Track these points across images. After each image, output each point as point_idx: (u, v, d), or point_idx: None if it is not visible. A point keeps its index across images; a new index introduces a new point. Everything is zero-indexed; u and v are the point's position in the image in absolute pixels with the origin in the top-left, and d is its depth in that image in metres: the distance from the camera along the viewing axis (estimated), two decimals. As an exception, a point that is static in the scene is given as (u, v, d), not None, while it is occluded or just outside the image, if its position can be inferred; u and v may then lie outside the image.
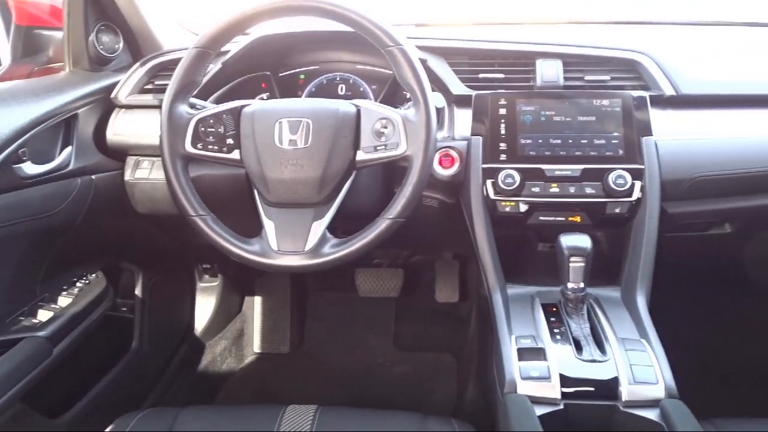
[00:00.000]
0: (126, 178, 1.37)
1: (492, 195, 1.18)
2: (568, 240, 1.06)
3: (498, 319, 1.10)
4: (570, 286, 1.06)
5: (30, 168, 1.15)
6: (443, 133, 1.26)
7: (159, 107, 1.13)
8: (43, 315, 1.27)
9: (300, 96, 1.45)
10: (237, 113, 1.10)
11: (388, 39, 1.04)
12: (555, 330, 1.06)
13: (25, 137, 1.14)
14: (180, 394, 1.82)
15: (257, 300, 2.13)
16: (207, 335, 2.02)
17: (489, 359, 1.16)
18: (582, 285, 1.06)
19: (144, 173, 1.36)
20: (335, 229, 1.12)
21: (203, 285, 2.03)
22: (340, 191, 1.09)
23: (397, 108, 1.10)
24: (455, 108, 1.28)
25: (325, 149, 1.06)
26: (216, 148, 1.10)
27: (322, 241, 1.07)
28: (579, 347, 1.02)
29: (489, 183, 1.18)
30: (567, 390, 0.94)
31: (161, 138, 1.10)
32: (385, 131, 1.06)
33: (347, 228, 1.11)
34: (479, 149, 1.20)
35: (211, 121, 1.10)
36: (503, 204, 1.18)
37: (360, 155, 1.07)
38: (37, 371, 1.20)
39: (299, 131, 1.06)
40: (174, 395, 1.80)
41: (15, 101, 1.18)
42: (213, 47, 1.10)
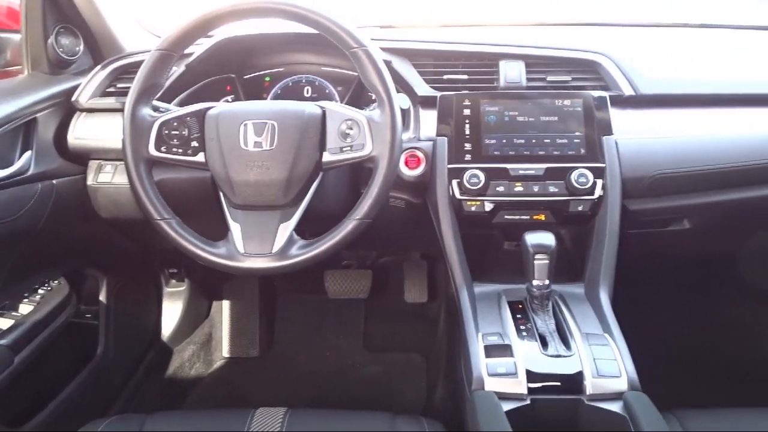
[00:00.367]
0: (88, 182, 1.35)
1: (458, 195, 1.19)
2: (532, 238, 1.08)
3: (465, 317, 1.11)
4: (535, 283, 1.08)
5: (-12, 173, 1.13)
6: (409, 134, 1.27)
7: (121, 110, 1.11)
8: (4, 323, 1.24)
9: (265, 98, 1.44)
10: (201, 116, 1.10)
11: (352, 40, 1.04)
12: (521, 327, 1.08)
13: None
14: (148, 400, 1.80)
15: (225, 304, 2.11)
16: (174, 340, 1.99)
17: (457, 357, 1.17)
18: (547, 282, 1.08)
19: (107, 177, 1.34)
20: (303, 231, 1.12)
21: (170, 290, 2.01)
22: (306, 193, 1.09)
23: (363, 109, 1.10)
24: (420, 109, 1.29)
25: (291, 151, 1.06)
26: (180, 151, 1.09)
27: (289, 243, 1.07)
28: (545, 343, 1.04)
29: (455, 183, 1.19)
30: (533, 385, 0.96)
31: (124, 141, 1.09)
32: (351, 132, 1.06)
33: (315, 230, 1.11)
34: (444, 150, 1.22)
35: (175, 124, 1.09)
36: (469, 203, 1.19)
37: (326, 156, 1.07)
38: None
39: (264, 133, 1.06)
40: (141, 402, 1.77)
41: (-29, 105, 1.16)
42: (176, 49, 1.09)
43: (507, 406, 0.93)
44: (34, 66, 1.39)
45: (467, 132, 1.22)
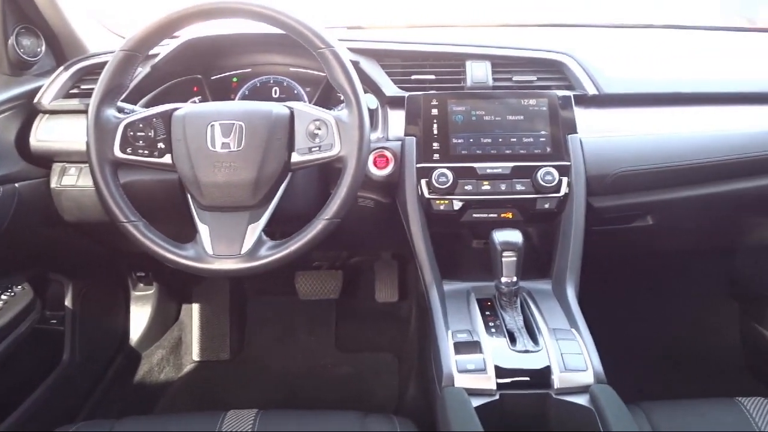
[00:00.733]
0: (52, 185, 1.32)
1: (426, 194, 1.20)
2: (500, 235, 1.09)
3: (435, 315, 1.12)
4: (503, 280, 1.10)
5: (-53, 177, 1.10)
6: (377, 134, 1.28)
7: (85, 112, 1.09)
8: (-34, 330, 1.21)
9: (233, 99, 1.43)
10: (167, 117, 1.09)
11: (319, 41, 1.05)
12: (490, 323, 1.09)
13: None
14: (116, 405, 1.77)
15: (195, 307, 2.09)
16: (143, 345, 1.96)
17: (428, 355, 1.18)
18: (515, 279, 1.09)
19: (71, 180, 1.32)
20: (273, 232, 1.12)
21: (138, 294, 1.98)
22: (275, 193, 1.09)
23: (331, 110, 1.10)
24: (388, 109, 1.29)
25: (259, 151, 1.05)
26: (146, 152, 1.08)
27: (258, 244, 1.07)
28: (513, 339, 1.05)
29: (423, 182, 1.20)
30: (502, 381, 0.97)
31: (88, 143, 1.07)
32: (319, 133, 1.07)
33: (285, 230, 1.11)
34: (413, 149, 1.22)
35: (141, 126, 1.08)
36: (438, 202, 1.20)
37: (294, 157, 1.07)
38: None
39: (232, 134, 1.06)
40: (110, 407, 1.74)
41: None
42: (141, 50, 1.08)
43: (476, 401, 0.94)
44: (-7, 67, 1.37)
45: (435, 132, 1.23)
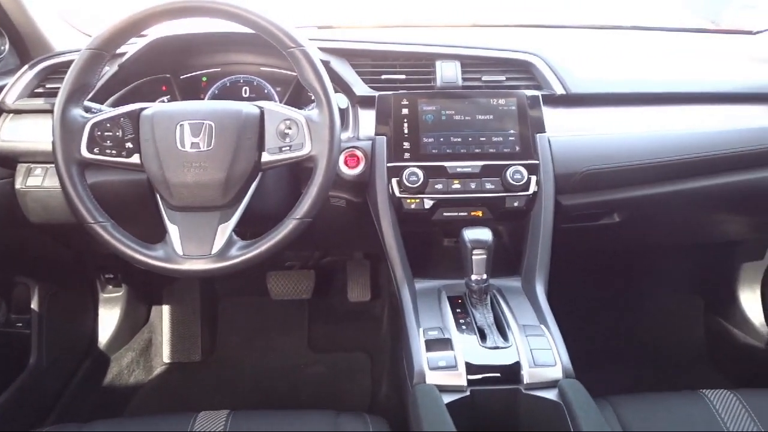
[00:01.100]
0: (17, 186, 1.30)
1: (397, 193, 1.21)
2: (470, 234, 1.10)
3: (406, 313, 1.13)
4: (474, 277, 1.11)
5: None
6: (348, 134, 1.28)
7: (51, 111, 1.08)
8: (-73, 335, 1.18)
9: (203, 99, 1.42)
10: (135, 116, 1.07)
11: (289, 40, 1.05)
12: (461, 321, 1.10)
13: None
14: (85, 409, 1.74)
15: (165, 309, 2.07)
16: (112, 348, 1.93)
17: (400, 353, 1.18)
18: (485, 276, 1.11)
19: (37, 181, 1.29)
20: (244, 233, 1.12)
21: (106, 296, 1.95)
22: (245, 193, 1.09)
23: (302, 109, 1.10)
24: (359, 109, 1.30)
25: (229, 151, 1.05)
26: (114, 152, 1.07)
27: (228, 244, 1.06)
28: (483, 336, 1.06)
29: (394, 181, 1.21)
30: (473, 377, 0.98)
31: (54, 143, 1.05)
32: (290, 132, 1.06)
33: (257, 231, 1.10)
34: (383, 148, 1.23)
35: (108, 125, 1.06)
36: (408, 201, 1.21)
37: (265, 157, 1.07)
38: None
39: (201, 133, 1.05)
40: (78, 411, 1.71)
41: None
42: (107, 49, 1.06)
43: (447, 398, 0.95)
44: (-45, 66, 1.34)
45: (405, 131, 1.24)
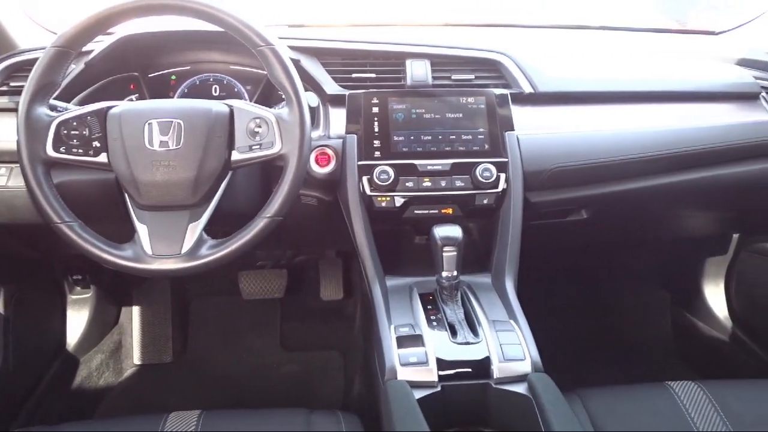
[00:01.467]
0: None
1: (368, 191, 1.21)
2: (440, 231, 1.11)
3: (378, 310, 1.14)
4: (444, 274, 1.12)
5: None
6: (319, 132, 1.28)
7: (15, 110, 1.06)
8: None
9: (172, 97, 1.41)
10: (103, 115, 1.06)
11: (258, 39, 1.04)
12: (432, 317, 1.11)
13: None
14: (53, 413, 1.71)
15: (135, 310, 2.05)
16: (81, 350, 1.91)
17: (372, 350, 1.19)
18: (455, 273, 1.12)
19: (1, 181, 1.27)
20: (216, 232, 1.11)
21: (74, 297, 1.92)
22: (215, 192, 1.08)
23: (272, 108, 1.10)
24: (330, 107, 1.30)
25: (198, 150, 1.04)
26: (81, 151, 1.05)
27: (198, 243, 1.06)
28: (454, 332, 1.07)
29: (365, 179, 1.21)
30: (444, 373, 0.99)
31: (19, 142, 1.04)
32: (260, 131, 1.06)
33: (227, 230, 1.10)
34: (354, 147, 1.23)
35: (75, 124, 1.05)
36: (379, 199, 1.22)
37: (235, 155, 1.07)
38: None
39: (170, 132, 1.04)
40: (47, 415, 1.69)
41: None
42: (73, 46, 1.05)
43: (419, 393, 0.95)
44: None
45: (376, 129, 1.24)
